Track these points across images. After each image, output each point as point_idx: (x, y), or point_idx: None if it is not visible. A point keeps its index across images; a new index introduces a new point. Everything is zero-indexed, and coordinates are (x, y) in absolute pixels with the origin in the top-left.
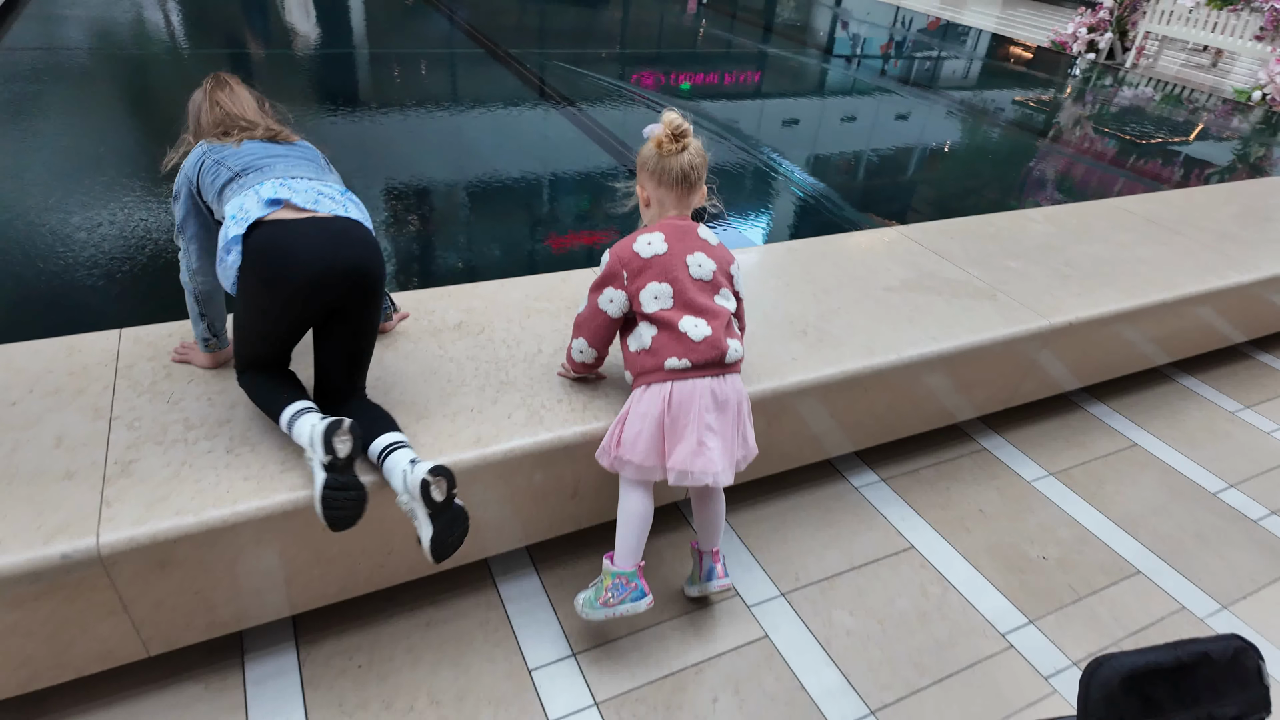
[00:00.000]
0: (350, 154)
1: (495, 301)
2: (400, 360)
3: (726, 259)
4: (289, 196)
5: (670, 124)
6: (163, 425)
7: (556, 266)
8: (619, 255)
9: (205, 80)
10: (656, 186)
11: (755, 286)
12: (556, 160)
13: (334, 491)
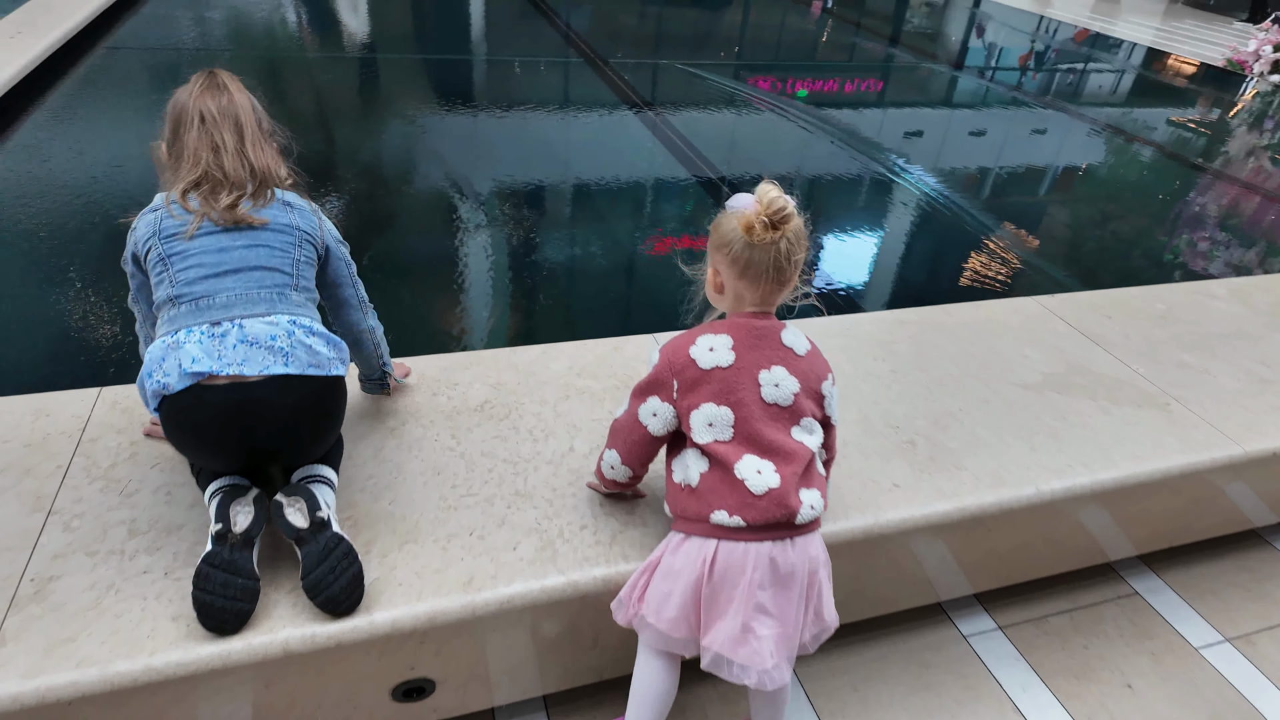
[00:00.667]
0: (430, 158)
1: (531, 375)
2: (402, 452)
3: (817, 374)
4: (212, 367)
5: (768, 205)
6: (103, 528)
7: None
8: (671, 359)
9: (195, 78)
10: (737, 277)
11: (849, 372)
12: (637, 170)
13: (211, 569)
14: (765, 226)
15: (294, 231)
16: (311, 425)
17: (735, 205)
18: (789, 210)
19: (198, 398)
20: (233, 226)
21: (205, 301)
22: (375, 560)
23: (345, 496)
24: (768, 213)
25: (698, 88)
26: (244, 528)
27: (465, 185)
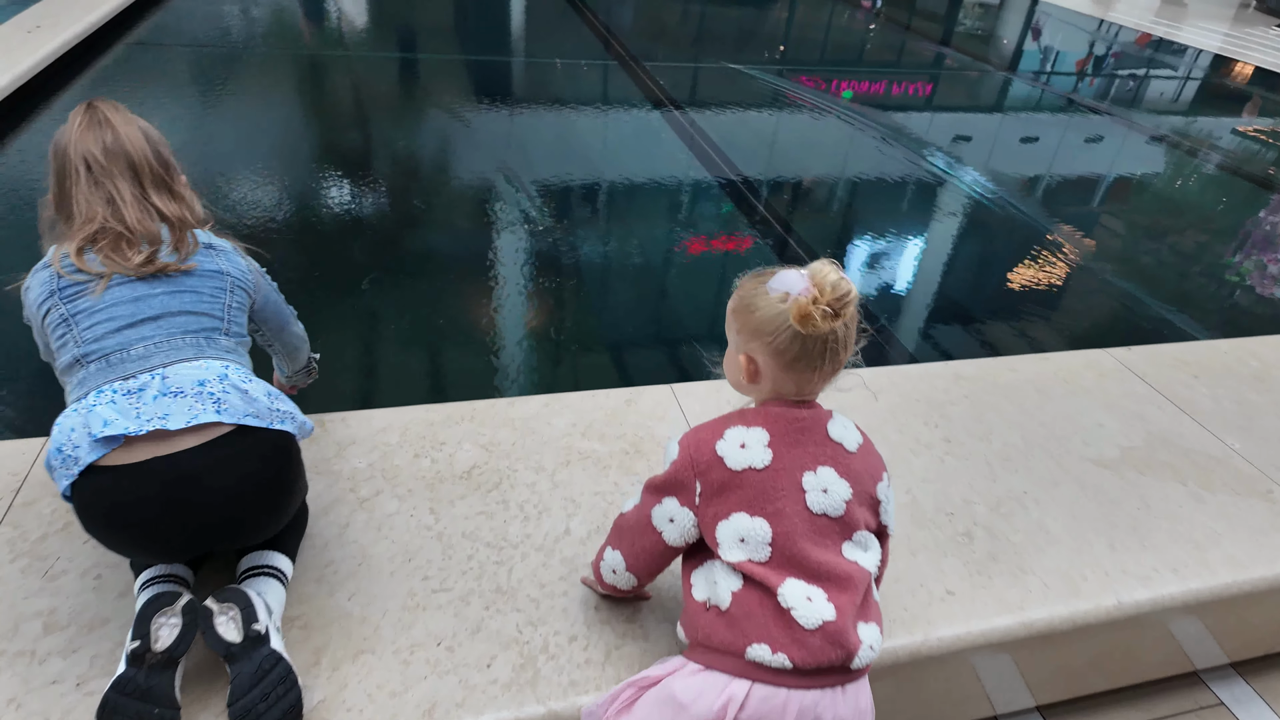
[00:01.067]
0: (459, 159)
1: (530, 433)
2: (371, 531)
3: (871, 474)
4: (128, 427)
5: (827, 288)
6: (16, 620)
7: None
8: (693, 454)
9: (73, 114)
10: (781, 369)
11: (895, 440)
12: (670, 171)
13: (122, 698)
14: (826, 316)
15: (222, 277)
16: (259, 496)
17: (782, 287)
18: (854, 296)
19: (116, 477)
20: (151, 277)
21: (118, 356)
22: (324, 674)
23: (298, 588)
24: (830, 300)
25: (740, 87)
26: (166, 645)
27: (493, 186)
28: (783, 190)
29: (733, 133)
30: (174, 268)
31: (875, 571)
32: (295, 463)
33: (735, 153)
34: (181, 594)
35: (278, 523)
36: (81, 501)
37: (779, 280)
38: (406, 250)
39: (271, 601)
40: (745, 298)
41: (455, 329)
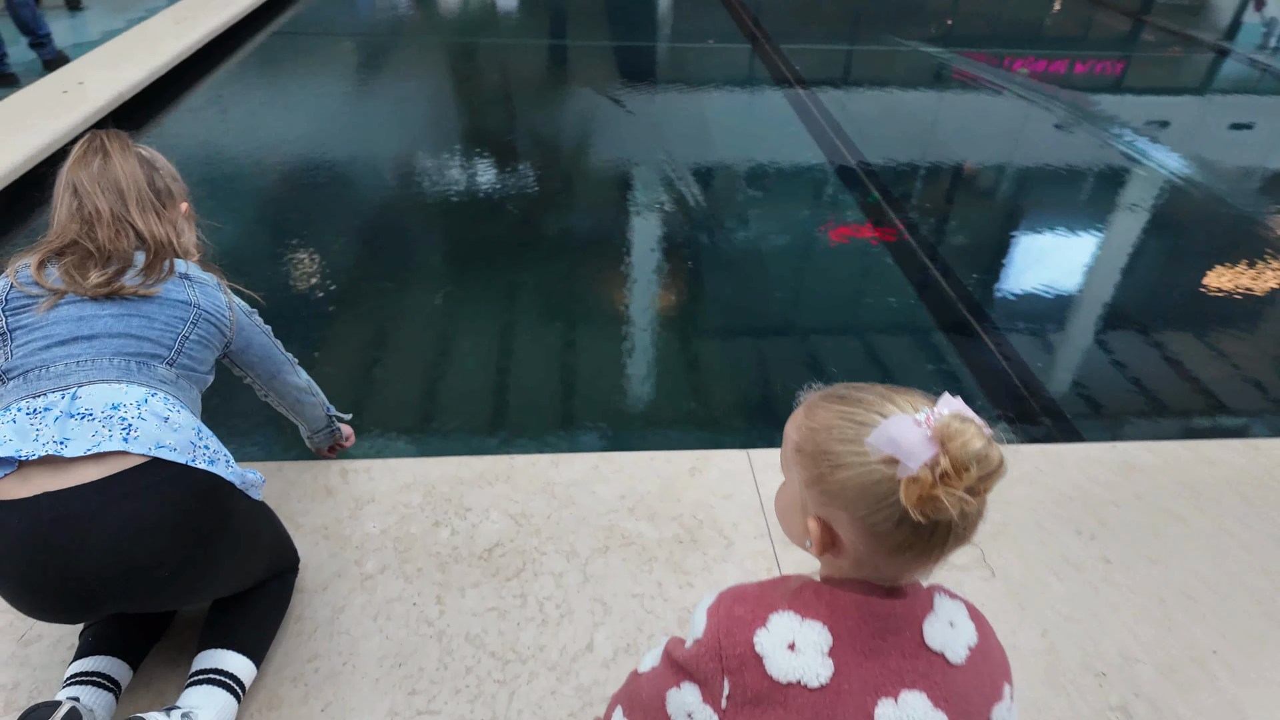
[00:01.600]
0: (590, 142)
1: (569, 504)
2: (365, 621)
3: (984, 693)
4: (19, 449)
5: (967, 462)
6: None
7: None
8: (722, 642)
9: (76, 145)
10: (871, 550)
11: (1031, 550)
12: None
13: None
14: (964, 500)
15: (189, 308)
16: (161, 549)
17: (890, 448)
18: (1003, 466)
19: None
20: (105, 298)
21: (37, 373)
22: None
23: (274, 686)
24: (971, 480)
25: (897, 65)
26: None
27: (624, 170)
28: (935, 180)
29: (884, 114)
30: (132, 291)
31: None
32: (223, 514)
33: (881, 137)
34: (60, 704)
35: (196, 589)
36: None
37: (885, 435)
38: (506, 245)
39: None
40: (822, 441)
41: (522, 339)
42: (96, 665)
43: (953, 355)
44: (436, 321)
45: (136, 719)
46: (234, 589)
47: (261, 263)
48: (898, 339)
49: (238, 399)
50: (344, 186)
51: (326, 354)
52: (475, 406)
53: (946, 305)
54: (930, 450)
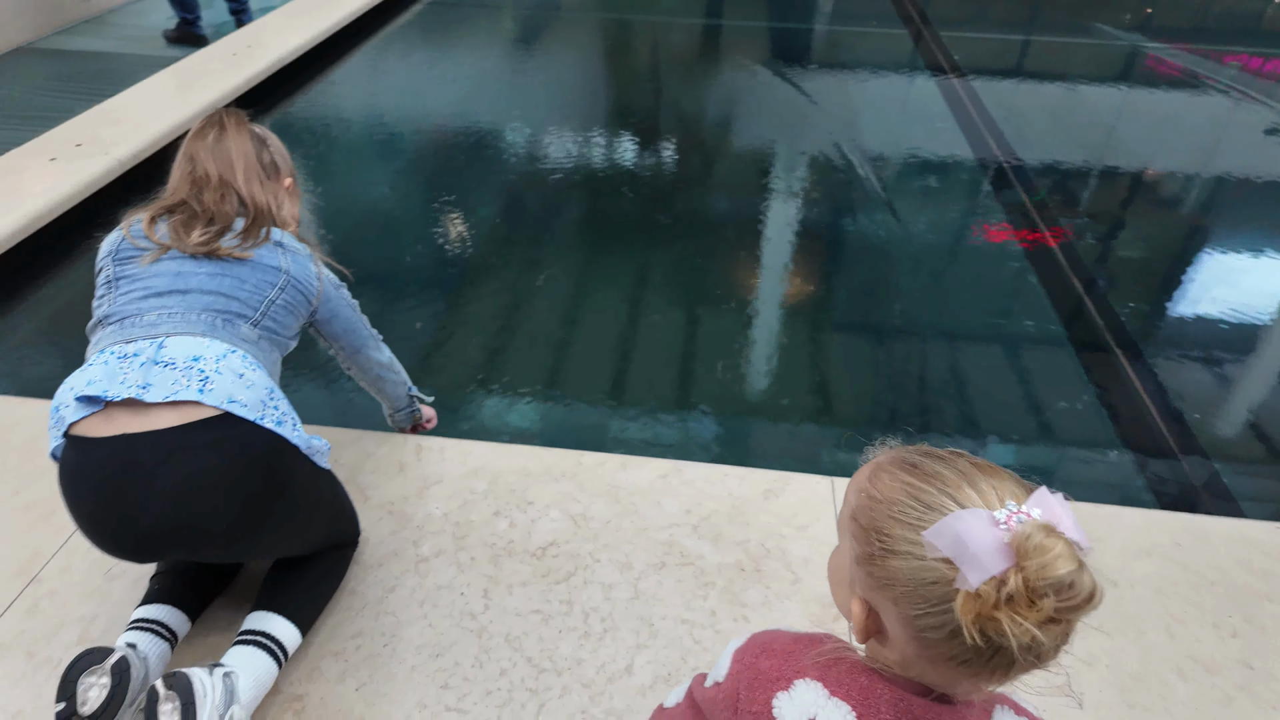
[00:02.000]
0: (737, 123)
1: (632, 511)
2: (413, 606)
3: None
4: (106, 390)
5: (1044, 587)
6: (60, 623)
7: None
8: (741, 690)
9: (201, 119)
10: (915, 651)
11: (1152, 640)
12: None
13: None
14: (1023, 624)
15: (279, 274)
16: (219, 504)
17: (950, 548)
18: (1096, 600)
19: (82, 451)
20: (204, 256)
21: (132, 320)
22: None
23: (314, 660)
24: (1048, 609)
25: (1080, 56)
26: (93, 710)
27: (766, 154)
28: (1107, 186)
29: (1053, 110)
30: (227, 252)
31: None
32: (283, 477)
33: (1046, 135)
34: (112, 651)
35: (249, 547)
36: (58, 473)
37: (950, 532)
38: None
39: (242, 685)
40: (878, 517)
41: (635, 318)
42: (158, 614)
43: (1090, 390)
44: (551, 297)
45: (179, 673)
46: (290, 552)
47: (398, 222)
48: (1030, 362)
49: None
50: (489, 154)
51: (437, 318)
52: (566, 388)
53: (1092, 329)
54: (1001, 564)
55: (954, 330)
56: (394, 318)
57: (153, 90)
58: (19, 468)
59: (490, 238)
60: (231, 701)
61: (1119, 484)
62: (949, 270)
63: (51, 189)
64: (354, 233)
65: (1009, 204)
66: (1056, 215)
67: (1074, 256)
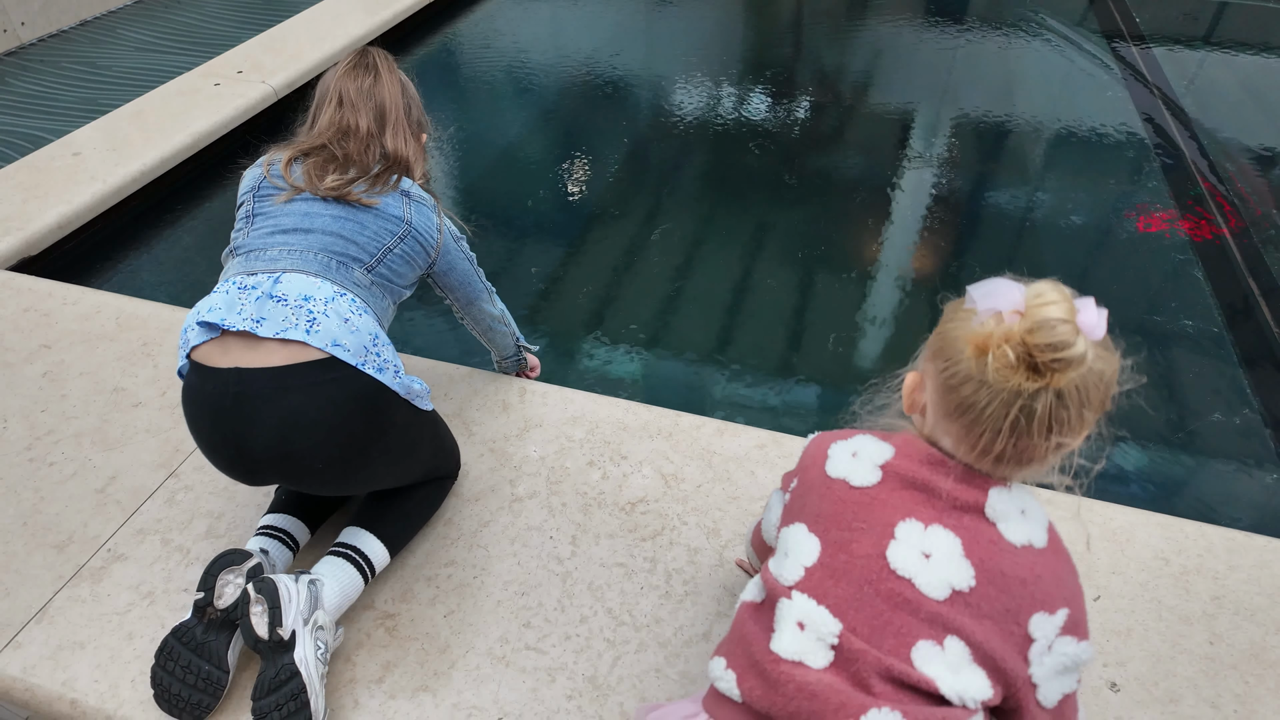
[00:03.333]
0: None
1: (725, 478)
2: (504, 542)
3: (1031, 592)
4: (224, 319)
5: (1033, 328)
6: (192, 515)
7: None
8: (812, 446)
9: (346, 57)
10: (939, 408)
11: None
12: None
13: (179, 645)
14: (1013, 364)
15: (400, 223)
16: (319, 441)
17: (979, 296)
18: (1075, 355)
19: (201, 377)
20: (333, 199)
21: (257, 254)
22: (379, 697)
23: (407, 582)
24: (1031, 343)
25: None
26: (227, 605)
27: (907, 116)
28: None
29: (1247, 85)
30: (356, 197)
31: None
32: (381, 422)
33: (1234, 115)
34: (250, 556)
35: (348, 483)
36: (181, 392)
37: (986, 286)
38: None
39: (327, 593)
40: (952, 306)
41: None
42: (282, 522)
43: (1252, 402)
44: (666, 251)
45: (268, 579)
46: (388, 486)
47: (525, 166)
48: (1185, 366)
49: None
50: (620, 102)
51: (551, 265)
52: (671, 345)
53: (1262, 336)
54: (1011, 305)
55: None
56: (510, 261)
57: (312, 20)
58: (170, 370)
59: (612, 187)
60: (315, 607)
61: (1276, 513)
62: (1101, 256)
63: (214, 113)
64: (480, 174)
65: (1179, 188)
66: (1236, 204)
67: (1251, 252)
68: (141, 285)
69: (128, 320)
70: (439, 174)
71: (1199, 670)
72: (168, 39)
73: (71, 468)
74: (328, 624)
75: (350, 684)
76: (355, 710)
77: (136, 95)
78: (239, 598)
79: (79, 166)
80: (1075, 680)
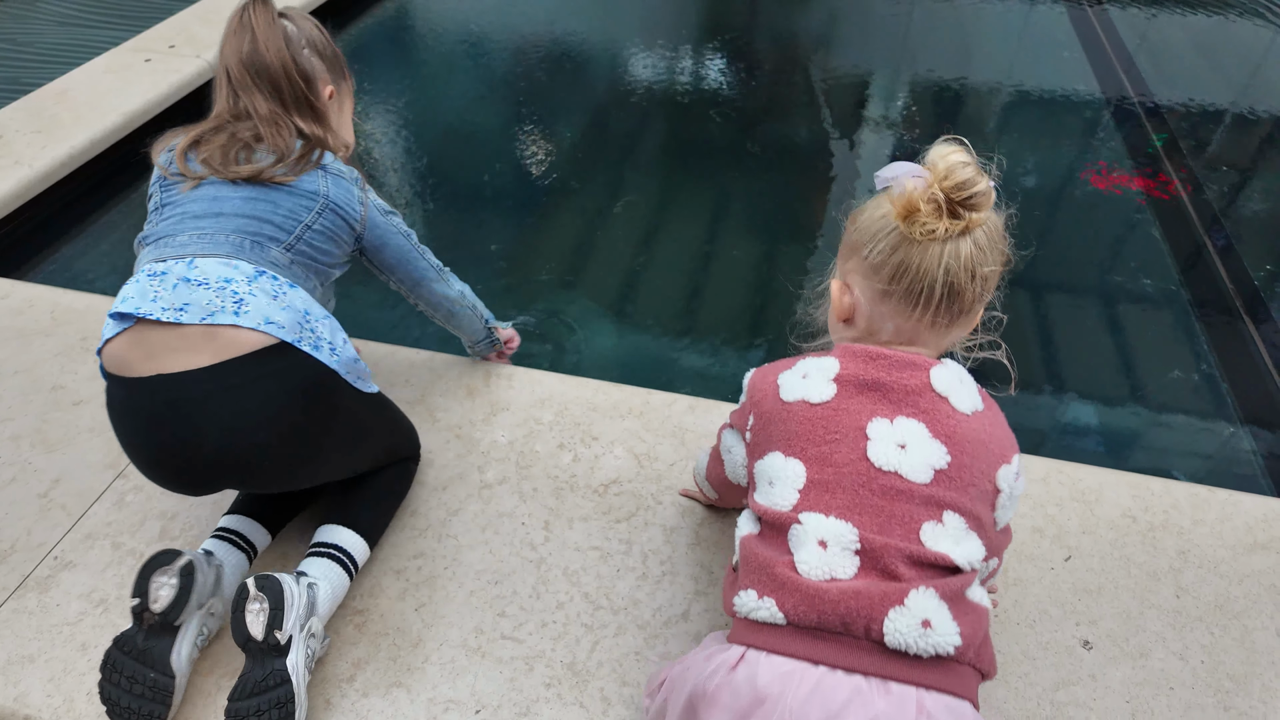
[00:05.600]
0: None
1: (698, 455)
2: (474, 531)
3: (990, 449)
4: (139, 307)
5: (947, 176)
6: (143, 516)
7: None
8: (755, 382)
9: (232, 17)
10: (878, 297)
11: (1264, 644)
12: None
13: (122, 654)
14: (939, 211)
15: (316, 198)
16: (269, 436)
17: (890, 175)
18: (982, 190)
19: (126, 390)
20: (243, 181)
21: (166, 241)
22: (352, 696)
23: (376, 577)
24: (946, 188)
25: None
26: (163, 608)
27: (864, 80)
28: (1246, 131)
29: (1200, 45)
30: (268, 177)
31: (977, 569)
32: (326, 409)
33: (1187, 73)
34: (182, 555)
35: (302, 477)
36: (106, 402)
37: (888, 170)
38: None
39: (321, 596)
40: (854, 212)
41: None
42: (239, 525)
43: (1209, 358)
44: (629, 225)
45: (271, 577)
46: (346, 475)
47: (478, 139)
48: (1144, 324)
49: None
50: (574, 71)
51: (511, 241)
52: (638, 321)
53: (1218, 292)
54: (919, 171)
55: (1062, 283)
56: (469, 239)
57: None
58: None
59: (572, 159)
60: (312, 613)
61: (1235, 465)
62: (1060, 218)
63: (147, 90)
64: (434, 149)
65: (1134, 148)
66: (1189, 162)
67: (1205, 209)
68: (76, 276)
69: (64, 314)
70: (391, 152)
71: (1167, 624)
72: (92, 11)
73: (10, 472)
74: (319, 631)
75: (321, 683)
76: (327, 710)
77: (61, 73)
78: (175, 598)
79: (2, 150)
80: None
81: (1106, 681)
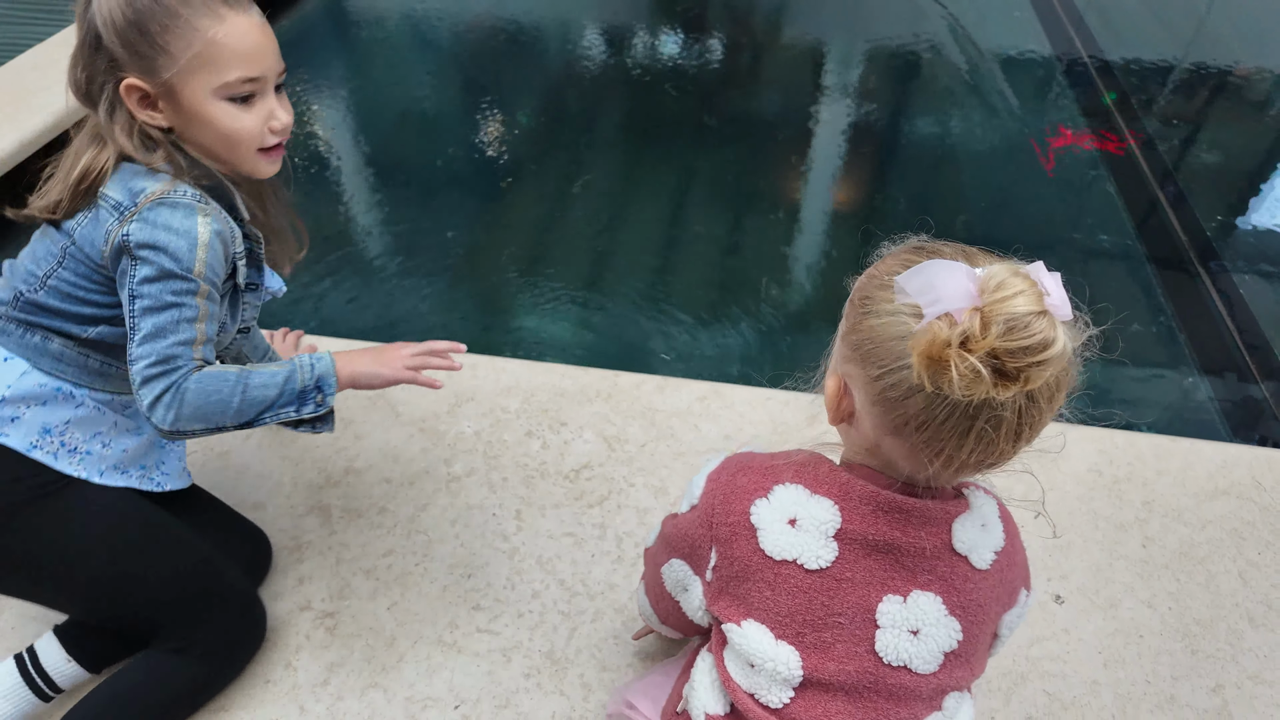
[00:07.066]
0: None
1: (669, 435)
2: (444, 524)
3: (1001, 600)
4: None
5: (998, 323)
6: None
7: None
8: (716, 504)
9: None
10: (879, 423)
11: (1228, 589)
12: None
13: None
14: (979, 375)
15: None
16: None
17: (918, 292)
18: (1055, 350)
19: None
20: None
21: None
22: (326, 700)
23: (342, 579)
24: (999, 347)
25: None
26: None
27: (817, 48)
28: (1193, 85)
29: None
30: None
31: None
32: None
33: (1134, 29)
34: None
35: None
36: None
37: (921, 275)
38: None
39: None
40: (866, 285)
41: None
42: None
43: (1166, 310)
44: (589, 205)
45: None
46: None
47: (429, 122)
48: (1101, 279)
49: None
50: (525, 48)
51: (468, 226)
52: (603, 303)
53: (1172, 244)
54: (963, 302)
55: (1021, 242)
56: (424, 227)
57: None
58: None
59: (525, 139)
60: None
61: (1194, 414)
62: (1017, 177)
63: None
64: (383, 136)
65: (1087, 105)
66: (1141, 117)
67: (1158, 164)
68: None
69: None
70: (340, 139)
71: (1135, 574)
72: (16, 4)
73: None
74: None
75: (293, 690)
76: (302, 717)
77: None
78: None
79: None
80: None
81: (1079, 634)
